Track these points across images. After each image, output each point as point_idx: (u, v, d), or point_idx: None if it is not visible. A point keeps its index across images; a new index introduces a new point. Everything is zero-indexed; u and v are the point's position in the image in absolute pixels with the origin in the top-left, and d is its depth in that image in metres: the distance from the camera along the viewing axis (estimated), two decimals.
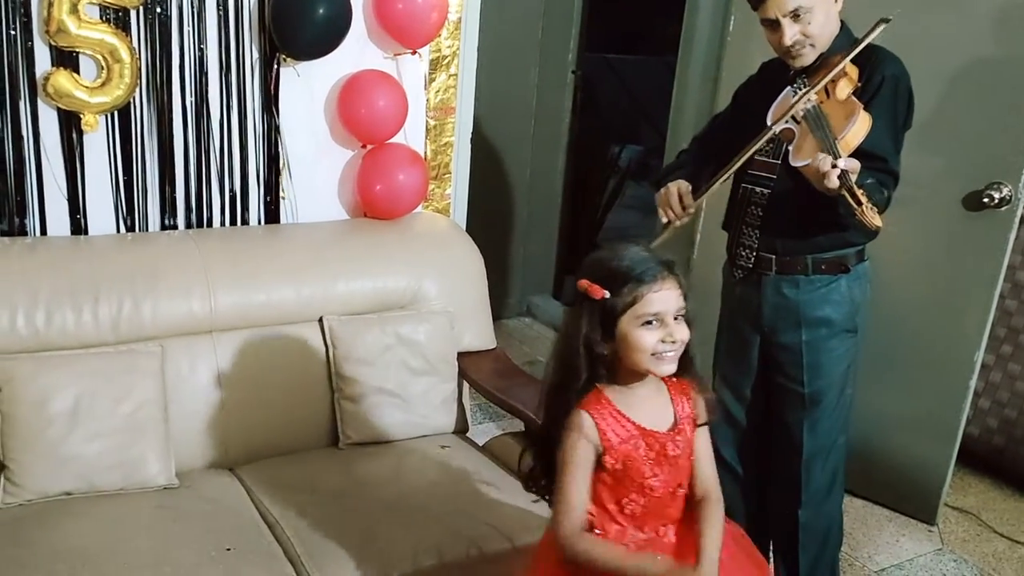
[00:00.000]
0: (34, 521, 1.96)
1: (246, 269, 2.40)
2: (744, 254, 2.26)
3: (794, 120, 2.03)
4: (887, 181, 2.03)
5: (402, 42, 2.67)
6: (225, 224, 2.63)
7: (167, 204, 2.53)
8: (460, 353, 2.61)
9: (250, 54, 2.53)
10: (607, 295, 1.52)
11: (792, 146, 2.05)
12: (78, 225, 2.43)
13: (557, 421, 1.59)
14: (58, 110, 2.33)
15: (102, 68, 2.33)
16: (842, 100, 1.99)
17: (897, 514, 3.22)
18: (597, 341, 1.55)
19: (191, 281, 2.31)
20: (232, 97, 2.54)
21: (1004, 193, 2.78)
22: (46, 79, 2.27)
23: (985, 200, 2.81)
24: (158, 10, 2.37)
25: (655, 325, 1.53)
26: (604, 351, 1.56)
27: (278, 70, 2.57)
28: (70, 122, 2.35)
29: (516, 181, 4.85)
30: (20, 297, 2.11)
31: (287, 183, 2.68)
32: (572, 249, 5.03)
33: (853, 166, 1.86)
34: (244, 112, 2.57)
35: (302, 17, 2.42)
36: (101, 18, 2.30)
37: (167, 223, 2.54)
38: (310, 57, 2.54)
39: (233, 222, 2.64)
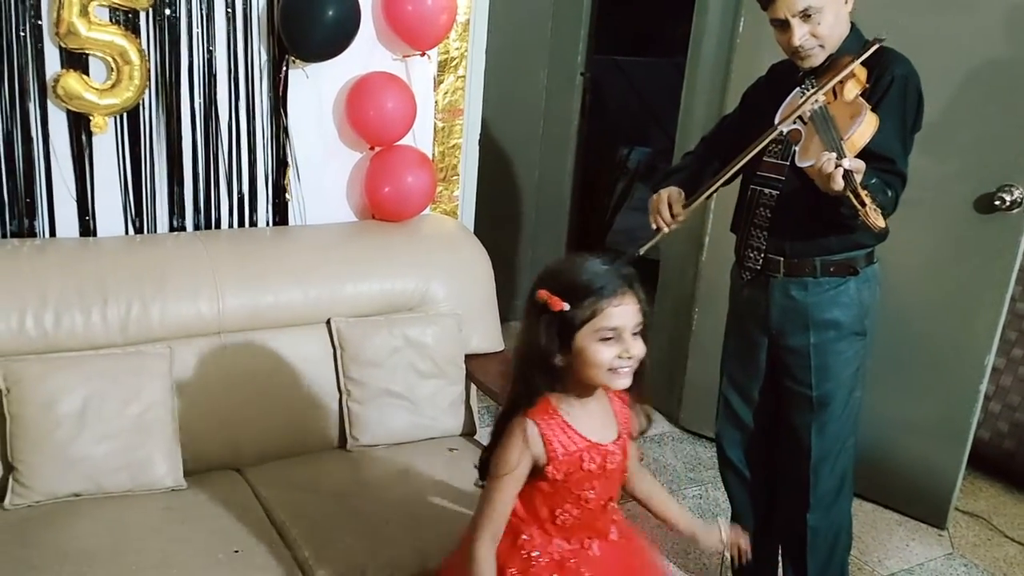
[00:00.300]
0: (42, 522, 1.96)
1: (254, 271, 2.41)
2: (752, 256, 2.25)
3: (801, 121, 2.02)
4: (894, 182, 2.02)
5: (411, 44, 2.67)
6: (233, 226, 2.64)
7: (175, 206, 2.53)
8: (468, 355, 2.61)
9: (259, 56, 2.54)
10: (567, 307, 1.50)
11: (799, 147, 2.04)
12: (87, 227, 2.44)
13: (504, 425, 1.60)
14: (67, 112, 2.33)
15: (111, 70, 2.33)
16: (850, 101, 1.98)
17: (907, 518, 3.21)
18: (553, 353, 1.53)
19: (199, 283, 2.31)
20: (241, 99, 2.55)
21: (1016, 196, 2.76)
22: (56, 81, 2.28)
23: (996, 203, 2.80)
24: (167, 12, 2.38)
25: (612, 340, 1.52)
26: (560, 363, 1.54)
27: (287, 72, 2.57)
28: (79, 124, 2.36)
29: (524, 183, 4.85)
30: (29, 298, 2.11)
31: (295, 185, 2.69)
32: (581, 251, 5.01)
33: (858, 166, 1.85)
34: (253, 114, 2.57)
35: (311, 19, 2.42)
36: (111, 20, 2.31)
37: (175, 225, 2.55)
38: (319, 59, 2.54)
39: (241, 224, 2.65)
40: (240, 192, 2.62)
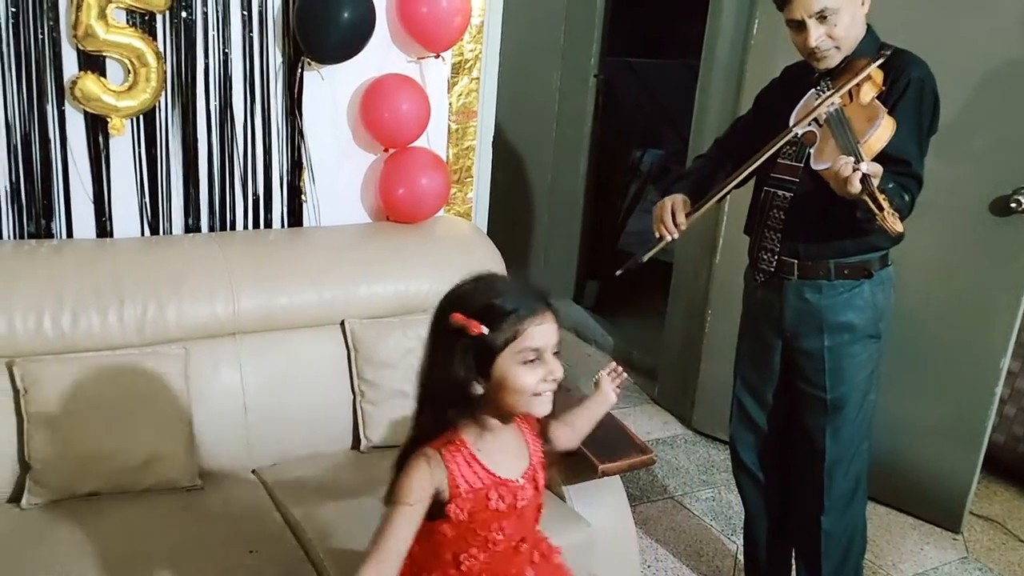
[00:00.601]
0: (58, 521, 1.98)
1: (269, 272, 2.41)
2: (766, 258, 2.25)
3: (816, 123, 2.02)
4: (910, 185, 2.01)
5: (425, 46, 2.68)
6: (248, 227, 2.65)
7: (191, 207, 2.55)
8: None
9: (274, 58, 2.55)
10: (485, 331, 1.38)
11: (814, 149, 2.04)
12: (103, 228, 2.45)
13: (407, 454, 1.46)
14: (85, 114, 2.35)
15: (129, 72, 2.35)
16: (866, 104, 1.98)
17: (921, 522, 3.20)
18: (470, 381, 1.41)
19: (215, 284, 2.32)
20: (256, 101, 2.56)
21: None
22: (74, 83, 2.30)
23: (1012, 205, 2.79)
24: (184, 14, 2.39)
25: (535, 363, 1.41)
26: (477, 392, 1.42)
27: (302, 74, 2.58)
28: (96, 126, 2.37)
29: (538, 185, 4.86)
30: (46, 299, 2.12)
31: (310, 186, 2.70)
32: (594, 253, 5.03)
33: (875, 170, 1.84)
34: (268, 116, 2.58)
35: (326, 21, 2.42)
36: (128, 22, 2.32)
37: (190, 226, 2.56)
38: (334, 61, 2.55)
39: (256, 225, 2.66)
40: (255, 193, 2.63)
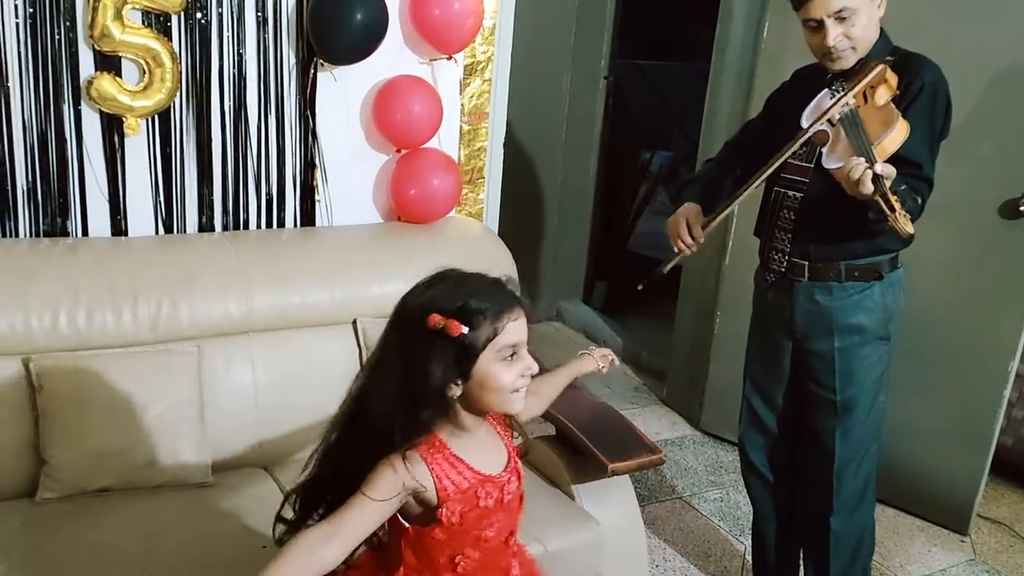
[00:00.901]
0: (72, 516, 2.00)
1: (282, 271, 2.43)
2: (776, 258, 2.26)
3: (829, 123, 2.02)
4: (921, 188, 2.02)
5: (438, 47, 2.69)
6: (261, 226, 2.67)
7: (205, 206, 2.57)
8: None
9: (288, 59, 2.57)
10: (465, 331, 1.35)
11: (826, 149, 2.05)
12: (118, 226, 2.47)
13: (362, 465, 1.39)
14: (101, 113, 2.37)
15: (144, 72, 2.37)
16: (880, 106, 1.98)
17: (929, 524, 3.21)
18: (449, 383, 1.38)
19: (228, 282, 2.33)
20: (270, 101, 2.58)
21: None
22: (90, 83, 2.32)
23: (1021, 208, 2.80)
24: (199, 16, 2.41)
25: (513, 359, 1.40)
26: (456, 393, 1.40)
27: (315, 75, 2.60)
28: (112, 125, 2.40)
29: (548, 186, 4.87)
30: (62, 297, 2.14)
31: (322, 186, 2.71)
32: (603, 254, 5.04)
33: (889, 171, 1.85)
34: (281, 116, 2.60)
35: (340, 23, 2.44)
36: (143, 23, 2.34)
37: (204, 225, 2.58)
38: (347, 62, 2.56)
39: (269, 224, 2.68)
40: (268, 193, 2.65)
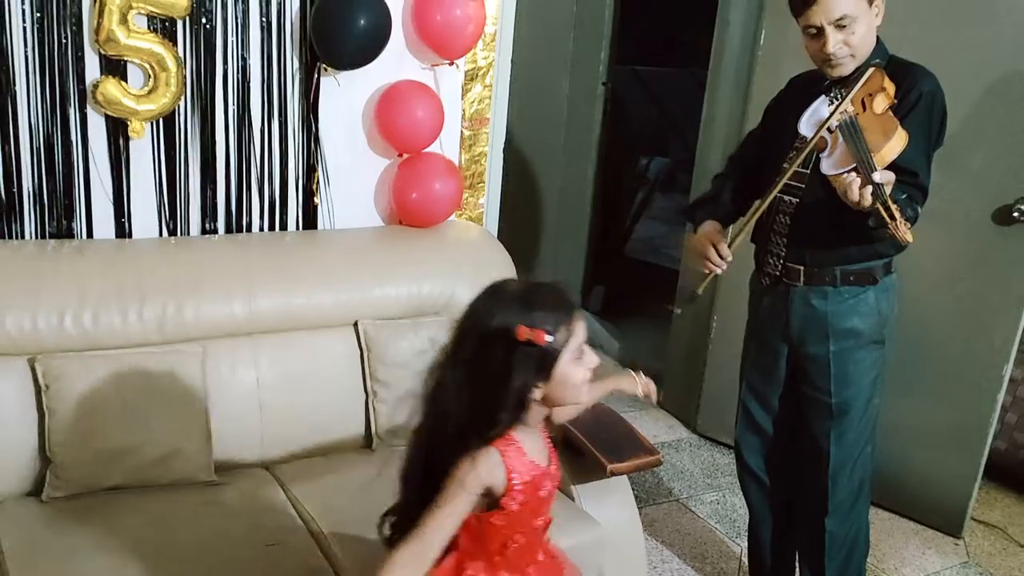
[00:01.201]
0: (78, 514, 2.02)
1: (285, 273, 2.46)
2: (772, 263, 2.28)
3: (828, 129, 2.05)
4: (917, 196, 2.05)
5: (440, 53, 2.72)
6: (264, 229, 2.69)
7: (208, 209, 2.59)
8: None
9: (291, 64, 2.60)
10: (550, 339, 1.44)
11: (824, 155, 2.07)
12: (122, 228, 2.50)
13: (448, 464, 1.49)
14: (106, 117, 2.39)
15: (149, 77, 2.39)
16: (879, 114, 1.99)
17: (923, 527, 3.23)
18: (531, 387, 1.47)
19: (232, 284, 2.36)
20: (273, 106, 2.60)
21: None
22: (95, 87, 2.34)
23: (1015, 214, 2.83)
24: (203, 20, 2.44)
25: (583, 356, 1.49)
26: (537, 396, 1.48)
27: (318, 80, 2.63)
28: (117, 129, 2.42)
29: (546, 191, 4.90)
30: (69, 298, 2.17)
31: (324, 190, 2.74)
32: (600, 259, 5.07)
33: (888, 178, 1.87)
34: (285, 120, 2.63)
35: (343, 28, 2.47)
36: (149, 28, 2.37)
37: (207, 227, 2.60)
38: (351, 67, 2.59)
39: (272, 227, 2.70)
40: (271, 196, 2.67)
